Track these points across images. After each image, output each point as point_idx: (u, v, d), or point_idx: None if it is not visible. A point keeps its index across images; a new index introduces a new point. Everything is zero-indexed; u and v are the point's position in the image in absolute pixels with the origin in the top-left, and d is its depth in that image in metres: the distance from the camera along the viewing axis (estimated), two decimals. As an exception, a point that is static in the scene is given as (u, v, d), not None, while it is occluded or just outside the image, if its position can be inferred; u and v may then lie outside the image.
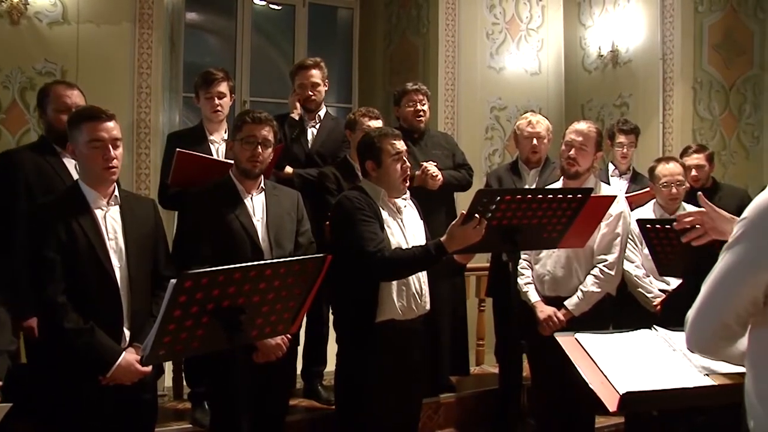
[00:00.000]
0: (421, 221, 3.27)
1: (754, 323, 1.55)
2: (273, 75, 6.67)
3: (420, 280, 3.13)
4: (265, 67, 6.60)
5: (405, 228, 3.14)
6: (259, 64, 6.56)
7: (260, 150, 3.00)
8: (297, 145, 4.09)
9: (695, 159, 4.38)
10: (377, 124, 3.82)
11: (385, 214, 3.08)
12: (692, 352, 1.69)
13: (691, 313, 1.61)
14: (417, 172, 3.96)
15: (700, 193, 2.27)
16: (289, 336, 2.89)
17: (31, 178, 3.16)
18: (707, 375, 2.04)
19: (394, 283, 3.03)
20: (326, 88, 4.25)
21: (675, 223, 2.29)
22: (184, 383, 4.06)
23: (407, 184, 3.19)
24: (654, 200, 4.05)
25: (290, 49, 6.67)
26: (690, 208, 3.96)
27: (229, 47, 6.53)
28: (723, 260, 1.54)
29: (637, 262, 3.90)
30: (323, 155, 4.10)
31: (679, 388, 2.02)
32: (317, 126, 4.18)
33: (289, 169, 3.97)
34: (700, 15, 5.61)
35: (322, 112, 4.22)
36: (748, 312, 1.52)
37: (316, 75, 4.15)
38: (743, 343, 1.58)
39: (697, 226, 2.18)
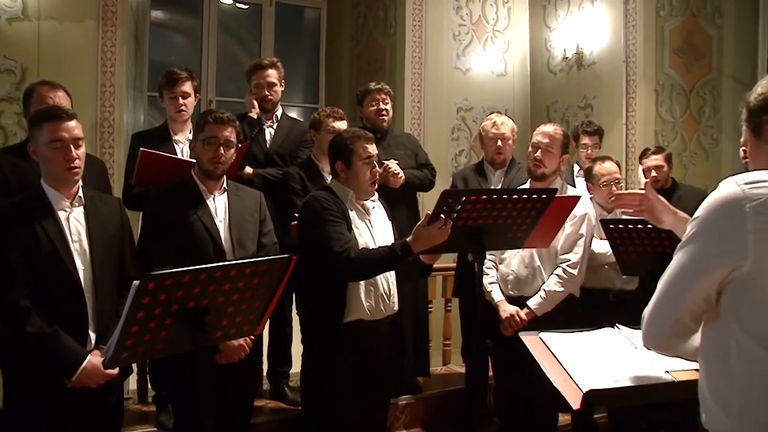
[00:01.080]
0: (390, 222, 3.29)
1: (706, 319, 1.59)
2: (239, 74, 6.61)
3: (388, 281, 3.14)
4: (232, 67, 6.55)
5: (373, 229, 3.15)
6: (226, 63, 6.51)
7: (222, 151, 2.98)
8: (255, 144, 4.07)
9: (654, 160, 4.46)
10: (342, 124, 3.82)
11: (353, 214, 3.08)
12: (648, 349, 1.73)
13: (646, 311, 1.64)
14: (379, 170, 3.96)
15: (646, 181, 2.36)
16: (251, 337, 2.87)
17: (11, 181, 3.10)
18: (667, 372, 2.08)
19: (362, 283, 3.04)
20: (283, 89, 4.24)
21: (612, 198, 2.38)
22: (149, 386, 4.02)
23: (376, 187, 3.20)
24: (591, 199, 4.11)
25: (257, 48, 6.63)
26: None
27: (195, 46, 6.47)
28: (677, 259, 1.58)
29: None
30: (282, 155, 4.09)
31: (641, 385, 2.06)
32: (275, 126, 4.17)
33: (248, 170, 3.95)
34: (661, 19, 5.70)
35: (279, 112, 4.21)
36: (701, 308, 1.56)
37: (272, 75, 4.14)
38: (697, 339, 1.62)
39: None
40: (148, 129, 4.56)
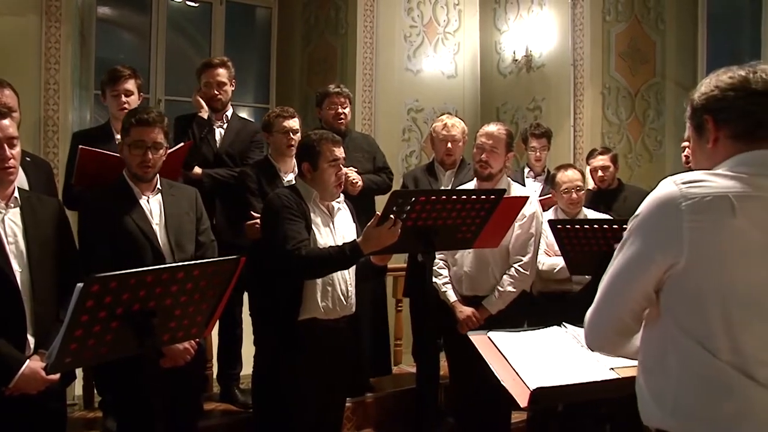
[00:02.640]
0: (354, 224, 3.29)
1: (646, 318, 1.63)
2: (189, 73, 6.52)
3: (347, 282, 3.15)
4: (181, 65, 6.44)
5: (335, 230, 3.15)
6: (175, 61, 6.41)
7: (150, 155, 2.85)
8: (205, 145, 4.02)
9: (601, 160, 4.57)
10: (293, 122, 3.82)
11: (315, 215, 3.08)
12: (592, 350, 1.77)
13: (589, 313, 1.67)
14: (343, 174, 3.96)
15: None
16: (197, 340, 2.81)
17: None
18: (612, 369, 2.13)
19: (319, 282, 3.03)
20: (233, 88, 4.20)
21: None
22: (95, 391, 3.93)
23: (341, 189, 3.21)
24: (556, 206, 4.20)
25: (207, 47, 6.55)
26: (590, 213, 4.13)
27: (143, 44, 6.35)
28: (617, 258, 1.61)
29: None
30: (232, 156, 4.05)
31: (586, 382, 2.10)
32: (225, 126, 4.12)
33: (198, 170, 3.91)
34: (607, 24, 5.83)
35: (229, 113, 4.17)
36: (641, 306, 1.60)
37: (222, 74, 4.10)
38: (638, 339, 1.66)
39: None
40: (90, 128, 4.46)
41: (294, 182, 3.30)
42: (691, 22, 6.02)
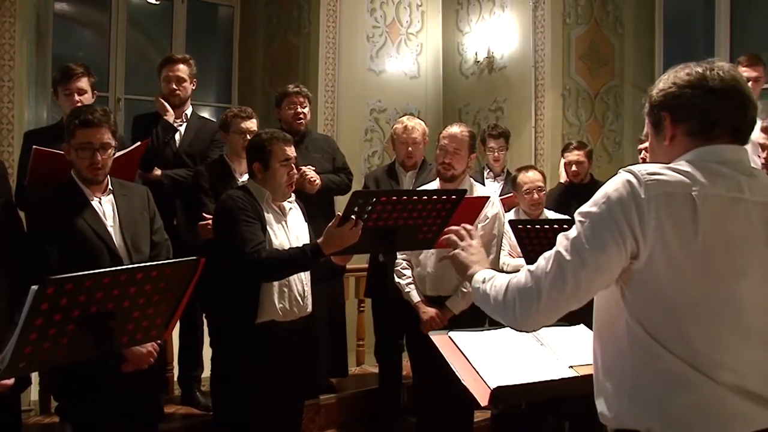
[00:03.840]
0: (306, 224, 3.28)
1: (603, 304, 1.62)
2: (150, 72, 6.43)
3: (302, 282, 3.14)
4: (142, 64, 6.35)
5: (289, 230, 3.13)
6: (135, 60, 6.31)
7: (99, 157, 2.75)
8: (165, 145, 3.98)
9: (576, 155, 4.63)
10: (251, 123, 3.80)
11: (269, 216, 3.06)
12: (523, 331, 1.72)
13: (532, 298, 1.59)
14: (296, 173, 3.94)
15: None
16: (159, 342, 2.77)
17: None
18: (571, 367, 2.16)
19: (276, 284, 3.02)
20: (194, 87, 4.16)
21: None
22: (52, 396, 3.85)
23: (293, 189, 3.19)
24: (518, 206, 4.24)
25: (168, 45, 6.46)
26: (552, 214, 4.19)
27: (102, 41, 6.23)
28: (576, 244, 1.54)
29: None
30: (192, 155, 4.01)
31: (546, 381, 2.14)
32: (184, 125, 4.08)
33: (157, 171, 3.86)
34: (568, 27, 5.90)
35: (188, 111, 4.13)
36: (592, 295, 1.59)
37: (183, 70, 4.05)
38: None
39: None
40: (42, 127, 4.37)
41: (246, 183, 3.25)
42: (649, 26, 6.13)
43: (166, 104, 4.00)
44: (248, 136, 3.73)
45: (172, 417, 3.90)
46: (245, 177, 3.67)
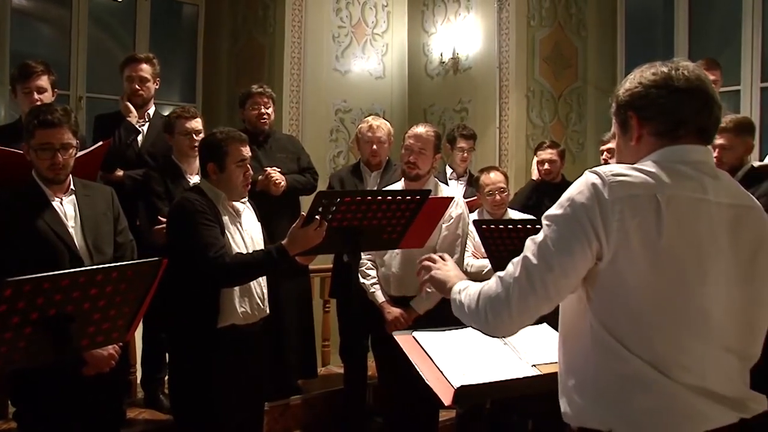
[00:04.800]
0: (259, 223, 3.24)
1: (568, 316, 1.64)
2: (113, 70, 6.33)
3: (260, 284, 3.12)
4: (104, 62, 6.25)
5: (244, 231, 3.10)
6: (98, 58, 6.21)
7: (60, 156, 2.70)
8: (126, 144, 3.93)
9: (549, 154, 4.68)
10: (196, 123, 3.76)
11: (225, 218, 3.03)
12: (497, 337, 1.76)
13: (505, 303, 1.59)
14: (260, 177, 3.93)
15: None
16: (120, 344, 2.73)
17: None
18: (534, 365, 2.18)
19: (237, 288, 2.99)
20: (157, 87, 4.12)
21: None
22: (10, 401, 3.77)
23: (248, 189, 3.15)
24: (482, 207, 4.27)
25: (131, 43, 6.37)
26: (515, 214, 4.23)
27: (63, 38, 6.12)
28: (543, 248, 1.55)
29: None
30: (154, 156, 3.97)
31: (510, 379, 2.14)
32: (146, 125, 4.04)
33: (119, 172, 3.82)
34: (532, 29, 5.96)
35: (151, 111, 4.08)
36: (562, 299, 1.59)
37: (145, 70, 4.02)
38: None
39: None
40: (0, 125, 4.27)
41: (199, 183, 3.21)
42: (611, 30, 6.22)
43: (130, 106, 3.95)
44: (194, 136, 3.70)
45: (135, 421, 3.85)
46: (196, 177, 3.63)
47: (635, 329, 1.50)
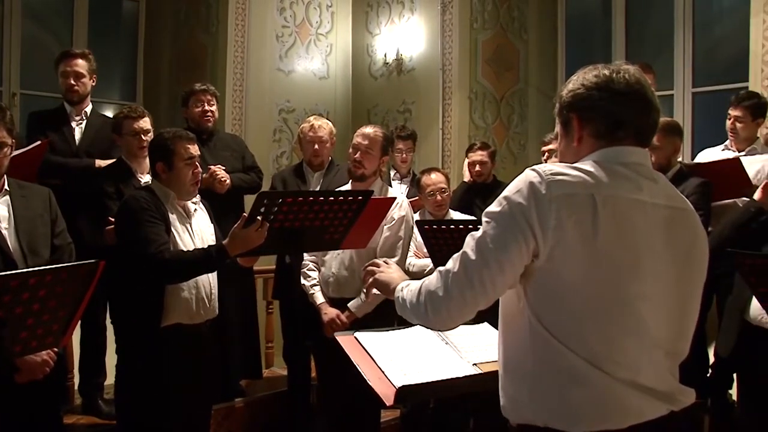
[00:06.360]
0: (212, 224, 3.24)
1: (506, 313, 1.67)
2: (49, 66, 6.15)
3: (210, 284, 3.10)
4: (40, 58, 6.06)
5: (194, 232, 3.09)
6: (33, 53, 6.02)
7: None
8: (63, 143, 3.83)
9: (479, 155, 4.73)
10: (144, 122, 3.71)
11: (173, 217, 3.01)
12: (438, 330, 1.78)
13: (445, 299, 1.61)
14: (204, 175, 3.89)
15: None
16: (55, 350, 2.65)
17: None
18: (475, 365, 2.20)
19: (183, 286, 2.97)
20: (94, 83, 4.03)
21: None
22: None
23: (197, 188, 3.14)
24: (424, 208, 4.32)
25: (69, 39, 6.20)
26: (456, 214, 4.28)
27: (-5, 32, 5.92)
28: (481, 243, 1.57)
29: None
30: (93, 156, 3.89)
31: (451, 378, 2.15)
32: (84, 123, 3.95)
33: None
34: (474, 31, 6.03)
35: (88, 108, 4.00)
36: (500, 295, 1.61)
37: (81, 65, 3.94)
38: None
39: None
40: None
41: (149, 183, 3.19)
42: (552, 33, 6.35)
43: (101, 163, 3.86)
44: (143, 136, 3.64)
45: (73, 428, 3.77)
46: (147, 177, 3.58)
47: (571, 325, 1.52)
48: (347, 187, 3.71)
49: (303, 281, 3.61)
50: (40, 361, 2.63)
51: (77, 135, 3.92)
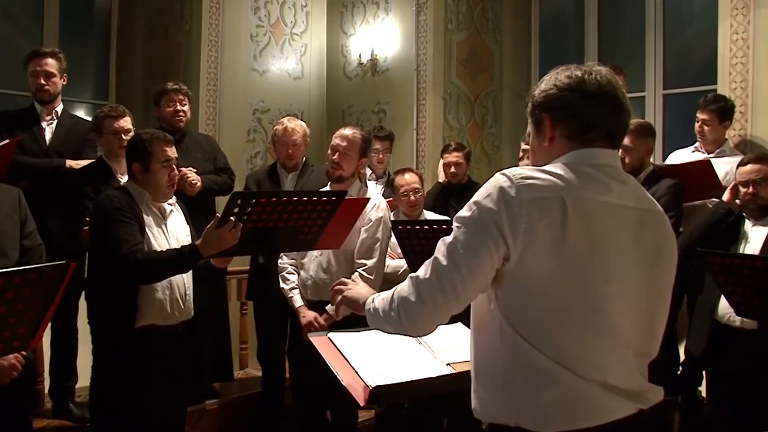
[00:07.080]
0: (188, 226, 3.22)
1: (478, 315, 1.67)
2: (18, 65, 6.05)
3: (185, 285, 3.08)
4: (8, 56, 5.96)
5: (169, 234, 3.07)
6: (2, 51, 5.92)
7: None
8: (33, 143, 3.78)
9: (454, 156, 4.76)
10: (125, 122, 3.67)
11: (149, 218, 2.99)
12: (413, 336, 1.79)
13: (418, 302, 1.62)
14: (177, 174, 3.85)
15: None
16: (23, 353, 2.62)
17: None
18: (448, 364, 2.21)
19: (157, 287, 2.95)
20: (64, 82, 3.98)
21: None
22: None
23: (174, 190, 3.13)
24: (398, 208, 4.32)
25: (39, 37, 6.11)
26: (430, 215, 4.30)
27: (-38, 30, 5.82)
28: (453, 248, 1.58)
29: None
30: (63, 155, 3.84)
31: (424, 379, 2.16)
32: (54, 123, 3.90)
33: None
34: (449, 32, 6.04)
35: (59, 108, 3.95)
36: (473, 298, 1.62)
37: (51, 64, 3.89)
38: None
39: None
40: None
41: (125, 183, 3.17)
42: (526, 35, 6.38)
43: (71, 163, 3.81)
44: (123, 136, 3.60)
45: (44, 431, 3.70)
46: (127, 177, 3.55)
47: (541, 327, 1.53)
48: (327, 187, 3.71)
49: (282, 284, 3.60)
50: (8, 365, 2.60)
51: (48, 135, 3.87)
